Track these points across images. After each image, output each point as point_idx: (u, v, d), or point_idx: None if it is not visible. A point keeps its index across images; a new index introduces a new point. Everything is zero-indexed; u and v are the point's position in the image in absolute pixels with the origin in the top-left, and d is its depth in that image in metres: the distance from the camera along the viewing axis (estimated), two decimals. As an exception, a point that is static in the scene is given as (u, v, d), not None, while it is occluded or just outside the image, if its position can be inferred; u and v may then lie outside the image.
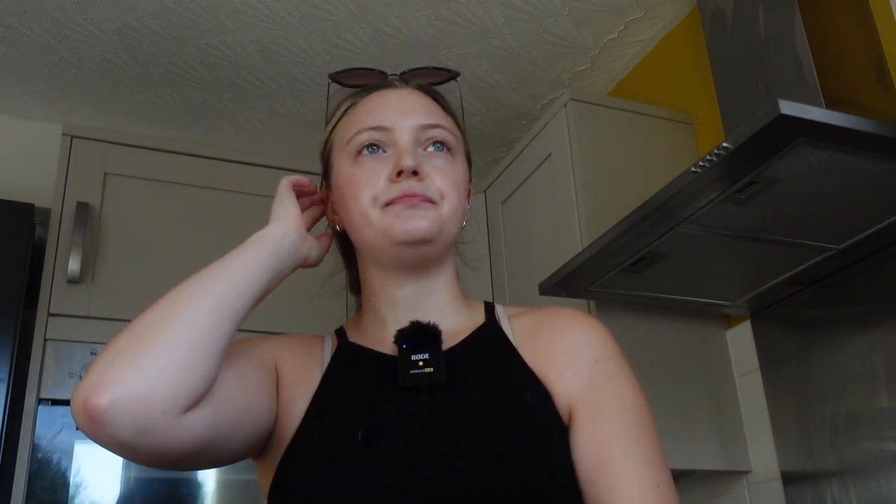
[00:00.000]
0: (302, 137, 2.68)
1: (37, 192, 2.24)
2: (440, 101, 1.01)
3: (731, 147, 1.29)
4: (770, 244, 1.58)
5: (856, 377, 1.63)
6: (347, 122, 0.98)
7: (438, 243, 0.92)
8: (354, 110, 0.99)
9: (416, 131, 0.95)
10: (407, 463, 0.82)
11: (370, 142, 0.94)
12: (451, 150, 0.96)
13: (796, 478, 1.73)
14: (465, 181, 0.98)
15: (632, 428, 0.85)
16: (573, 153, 1.98)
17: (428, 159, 0.94)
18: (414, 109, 0.96)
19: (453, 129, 0.99)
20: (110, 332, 2.23)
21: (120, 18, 2.13)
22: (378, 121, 0.95)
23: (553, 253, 1.97)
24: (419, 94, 1.00)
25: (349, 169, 0.95)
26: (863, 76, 1.55)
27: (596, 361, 0.89)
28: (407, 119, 0.95)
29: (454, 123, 1.01)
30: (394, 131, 0.94)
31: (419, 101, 0.98)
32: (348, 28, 2.19)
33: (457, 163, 0.97)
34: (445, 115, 1.00)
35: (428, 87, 1.02)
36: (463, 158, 0.99)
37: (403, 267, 0.94)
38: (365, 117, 0.96)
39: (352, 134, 0.96)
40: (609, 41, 2.30)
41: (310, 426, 0.88)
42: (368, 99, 0.99)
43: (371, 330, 0.97)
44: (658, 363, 1.85)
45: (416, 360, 0.88)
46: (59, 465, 1.89)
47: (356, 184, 0.93)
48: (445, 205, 0.92)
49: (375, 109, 0.97)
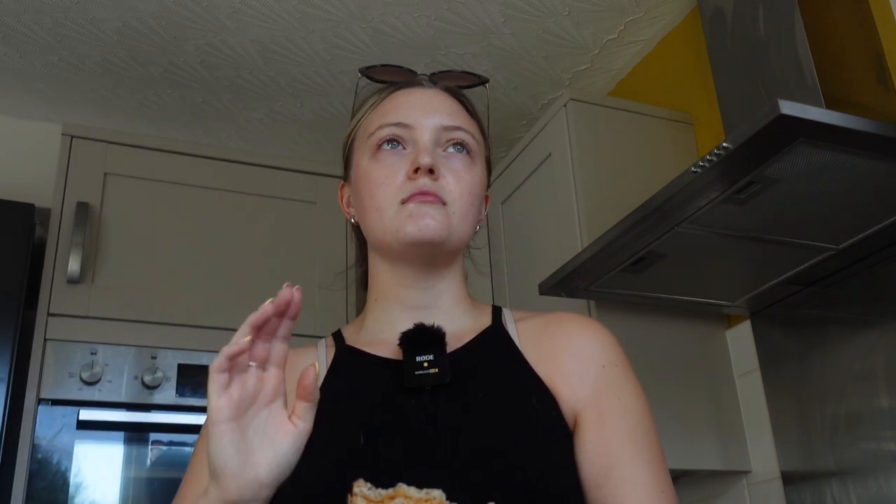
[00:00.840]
0: (302, 137, 2.68)
1: (37, 192, 2.25)
2: (466, 105, 1.01)
3: (731, 147, 1.29)
4: (770, 244, 1.58)
5: (856, 377, 1.63)
6: (371, 117, 0.99)
7: (447, 246, 0.93)
8: (379, 106, 0.99)
9: (438, 131, 0.95)
10: (407, 464, 0.82)
11: (391, 137, 0.95)
12: (470, 153, 0.96)
13: (796, 478, 1.73)
14: (480, 186, 0.97)
15: (637, 434, 0.86)
16: (573, 153, 1.98)
17: (446, 160, 0.94)
18: (437, 109, 0.97)
19: (475, 133, 0.99)
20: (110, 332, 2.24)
21: (120, 18, 2.13)
22: (401, 117, 0.95)
23: (553, 253, 1.97)
24: (445, 95, 1.00)
25: (368, 163, 0.95)
26: (863, 76, 1.55)
27: (602, 368, 0.89)
28: (429, 118, 0.95)
29: (478, 128, 1.01)
30: (415, 129, 0.94)
31: (444, 102, 0.98)
32: (348, 28, 2.19)
33: (475, 167, 0.97)
34: (469, 119, 1.00)
35: (455, 90, 1.02)
36: (482, 164, 0.99)
37: (412, 266, 0.94)
38: (388, 113, 0.97)
39: (374, 128, 0.96)
40: (609, 41, 2.30)
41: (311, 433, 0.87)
42: (394, 96, 0.99)
43: (373, 331, 0.97)
44: (658, 363, 1.85)
45: (421, 362, 0.88)
46: (59, 465, 1.89)
47: (373, 180, 0.94)
48: (456, 208, 0.92)
49: (399, 106, 0.97)
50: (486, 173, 1.02)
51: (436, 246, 0.91)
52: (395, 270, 0.96)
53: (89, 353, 1.99)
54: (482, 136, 1.01)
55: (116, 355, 2.01)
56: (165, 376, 2.02)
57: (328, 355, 0.96)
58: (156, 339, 2.06)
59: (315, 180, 2.40)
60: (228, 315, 2.15)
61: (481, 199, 0.98)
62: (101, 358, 1.99)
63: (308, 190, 2.39)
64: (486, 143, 1.02)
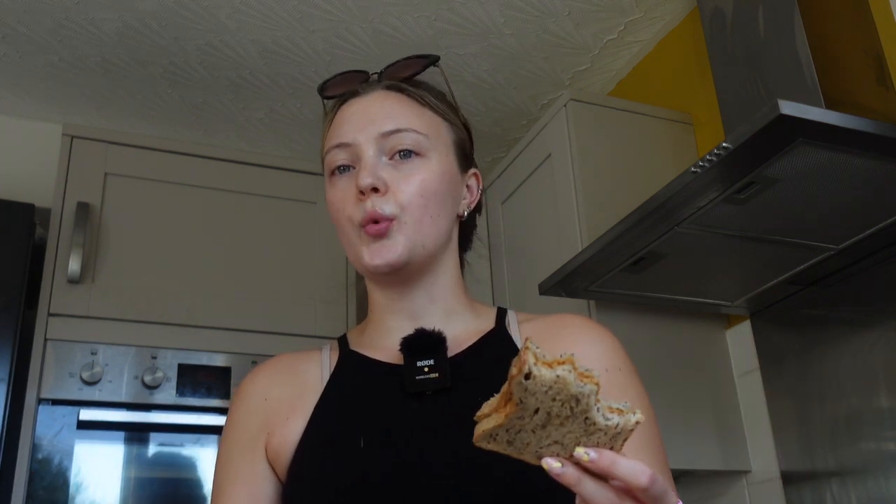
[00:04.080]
0: (302, 137, 2.68)
1: (37, 192, 2.24)
2: (413, 96, 0.96)
3: (731, 147, 1.29)
4: (770, 244, 1.58)
5: (856, 377, 1.63)
6: (326, 137, 0.99)
7: (414, 260, 0.91)
8: (331, 124, 0.99)
9: (378, 141, 0.92)
10: (407, 468, 0.82)
11: (339, 164, 0.94)
12: (420, 152, 0.93)
13: (796, 478, 1.73)
14: (438, 181, 0.92)
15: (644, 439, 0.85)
16: (573, 153, 1.98)
17: (394, 168, 0.92)
18: (374, 117, 0.94)
19: (423, 127, 0.94)
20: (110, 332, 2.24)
21: (120, 18, 2.13)
22: (341, 137, 0.94)
23: (553, 253, 1.97)
24: (385, 94, 0.96)
25: (328, 188, 0.96)
26: (863, 76, 1.55)
27: (606, 372, 0.88)
28: (366, 131, 0.93)
29: (433, 114, 0.96)
30: (356, 146, 0.93)
31: (383, 106, 0.95)
32: (348, 28, 2.20)
33: (428, 163, 0.93)
34: (418, 111, 0.95)
35: (396, 85, 0.97)
36: (443, 154, 0.95)
37: (392, 286, 0.94)
38: (333, 134, 0.96)
39: (325, 152, 0.97)
40: (609, 41, 2.30)
41: (312, 437, 0.88)
42: (339, 111, 0.98)
43: (375, 338, 0.97)
44: (658, 363, 1.85)
45: (422, 366, 0.88)
46: (59, 465, 1.89)
47: (332, 206, 0.94)
48: (407, 216, 0.89)
49: (339, 124, 0.96)
50: (456, 154, 0.97)
51: (401, 268, 0.90)
52: (380, 287, 0.96)
53: (89, 353, 1.99)
54: (441, 119, 0.97)
55: (116, 355, 2.01)
56: (165, 376, 2.02)
57: (332, 359, 0.97)
58: (156, 339, 2.06)
59: (315, 180, 2.40)
60: (228, 315, 2.17)
61: (446, 190, 0.94)
62: (101, 358, 1.99)
63: (308, 190, 2.39)
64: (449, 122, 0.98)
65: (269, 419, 0.93)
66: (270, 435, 0.92)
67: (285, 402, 0.93)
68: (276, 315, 2.21)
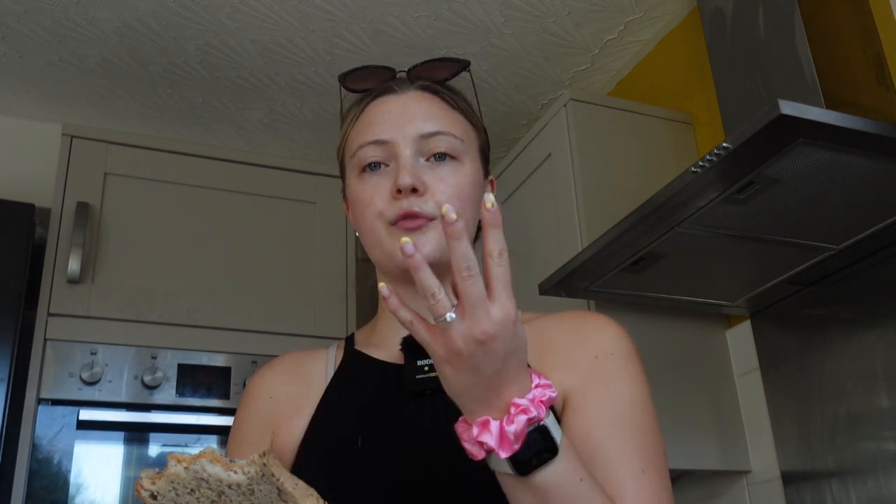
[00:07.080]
0: (302, 137, 2.68)
1: (37, 192, 2.24)
2: (447, 99, 0.98)
3: (731, 147, 1.29)
4: (770, 244, 1.58)
5: (856, 377, 1.63)
6: (353, 132, 0.97)
7: (444, 261, 0.90)
8: (359, 119, 0.97)
9: (417, 141, 0.93)
10: (405, 467, 0.82)
11: (371, 160, 0.93)
12: (456, 156, 0.94)
13: (796, 478, 1.73)
14: (471, 185, 0.94)
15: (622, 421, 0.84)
16: (573, 153, 1.98)
17: (430, 169, 0.92)
18: (413, 117, 0.94)
19: (459, 131, 0.95)
20: (110, 332, 2.24)
21: (120, 18, 2.13)
22: (377, 134, 0.93)
23: (553, 253, 1.97)
24: (422, 95, 0.97)
25: (356, 184, 0.95)
26: (863, 76, 1.55)
27: (595, 358, 0.88)
28: (406, 130, 0.93)
29: (463, 120, 0.97)
30: (393, 144, 0.92)
31: (420, 106, 0.95)
32: (348, 28, 2.20)
33: (463, 168, 0.94)
34: (453, 115, 0.96)
35: (432, 87, 0.98)
36: (473, 159, 0.96)
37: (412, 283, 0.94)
38: (365, 130, 0.95)
39: (355, 148, 0.95)
40: (609, 41, 2.30)
41: (312, 436, 0.89)
42: (371, 107, 0.97)
43: (382, 335, 0.97)
44: (658, 363, 1.85)
45: (422, 366, 0.88)
46: (59, 465, 1.89)
47: (362, 202, 0.93)
48: None
49: (374, 121, 0.95)
50: (482, 161, 0.99)
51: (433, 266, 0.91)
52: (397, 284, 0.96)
53: (89, 353, 1.99)
54: (470, 124, 0.98)
55: (116, 355, 2.01)
56: (165, 376, 2.02)
57: (337, 358, 0.97)
58: (156, 339, 2.06)
59: (315, 180, 2.40)
60: (228, 315, 2.17)
61: (476, 195, 0.95)
62: (101, 358, 1.99)
63: (308, 190, 2.39)
64: (476, 130, 0.99)
65: (274, 417, 0.93)
66: (275, 433, 0.92)
67: (290, 400, 0.94)
68: (276, 315, 2.21)
